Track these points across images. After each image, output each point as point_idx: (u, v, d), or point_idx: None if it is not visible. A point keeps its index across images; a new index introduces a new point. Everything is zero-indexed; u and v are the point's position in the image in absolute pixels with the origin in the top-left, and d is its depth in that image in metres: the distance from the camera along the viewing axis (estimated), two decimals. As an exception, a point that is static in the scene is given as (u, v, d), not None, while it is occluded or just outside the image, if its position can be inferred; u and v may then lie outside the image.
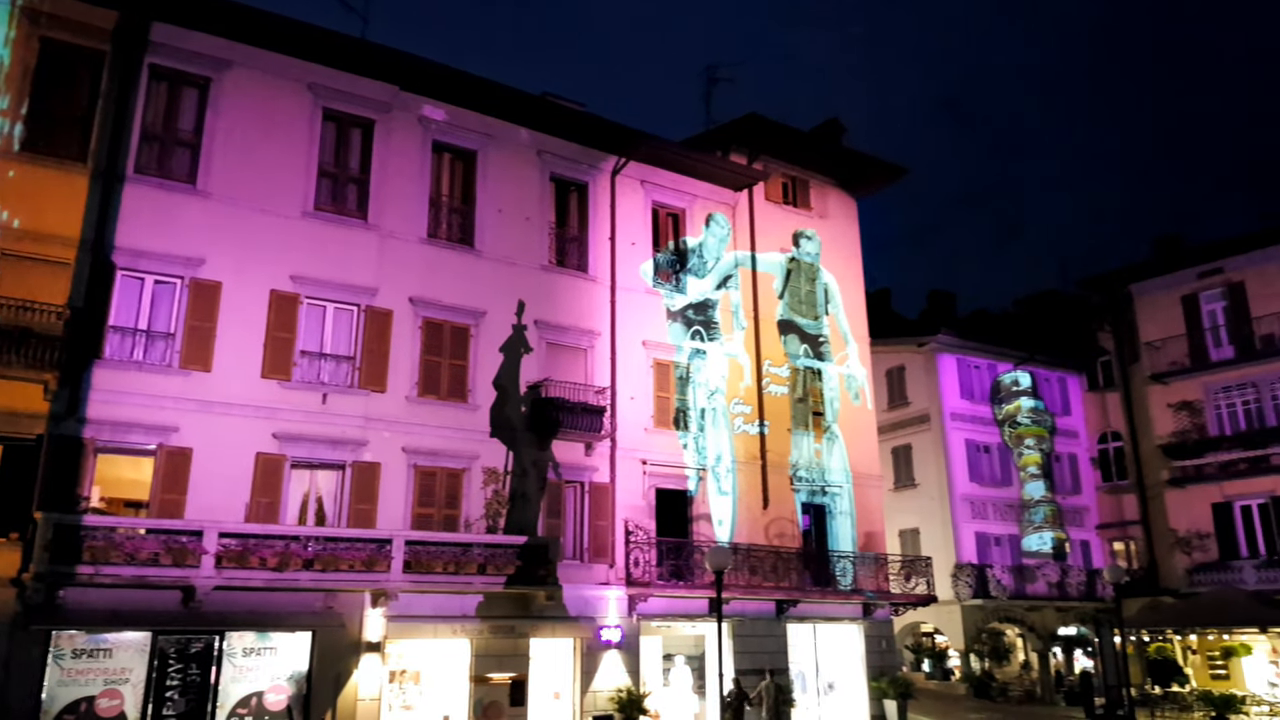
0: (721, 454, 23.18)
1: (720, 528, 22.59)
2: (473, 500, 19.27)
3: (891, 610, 24.78)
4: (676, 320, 23.41)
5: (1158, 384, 31.98)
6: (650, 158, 23.62)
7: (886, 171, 27.93)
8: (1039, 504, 32.81)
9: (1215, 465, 30.22)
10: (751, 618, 22.06)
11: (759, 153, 25.72)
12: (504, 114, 21.61)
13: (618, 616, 20.24)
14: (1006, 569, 31.05)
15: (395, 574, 17.02)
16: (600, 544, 20.61)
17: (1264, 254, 30.29)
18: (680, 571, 21.06)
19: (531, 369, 20.68)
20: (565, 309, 21.63)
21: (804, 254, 26.37)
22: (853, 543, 24.76)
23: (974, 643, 30.77)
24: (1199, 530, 30.38)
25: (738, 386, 24.01)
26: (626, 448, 21.57)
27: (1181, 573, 30.32)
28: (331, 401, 18.20)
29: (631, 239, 23.17)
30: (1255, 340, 30.10)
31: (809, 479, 24.63)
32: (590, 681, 19.58)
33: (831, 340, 26.32)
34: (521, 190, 21.70)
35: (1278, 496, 28.92)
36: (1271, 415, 29.51)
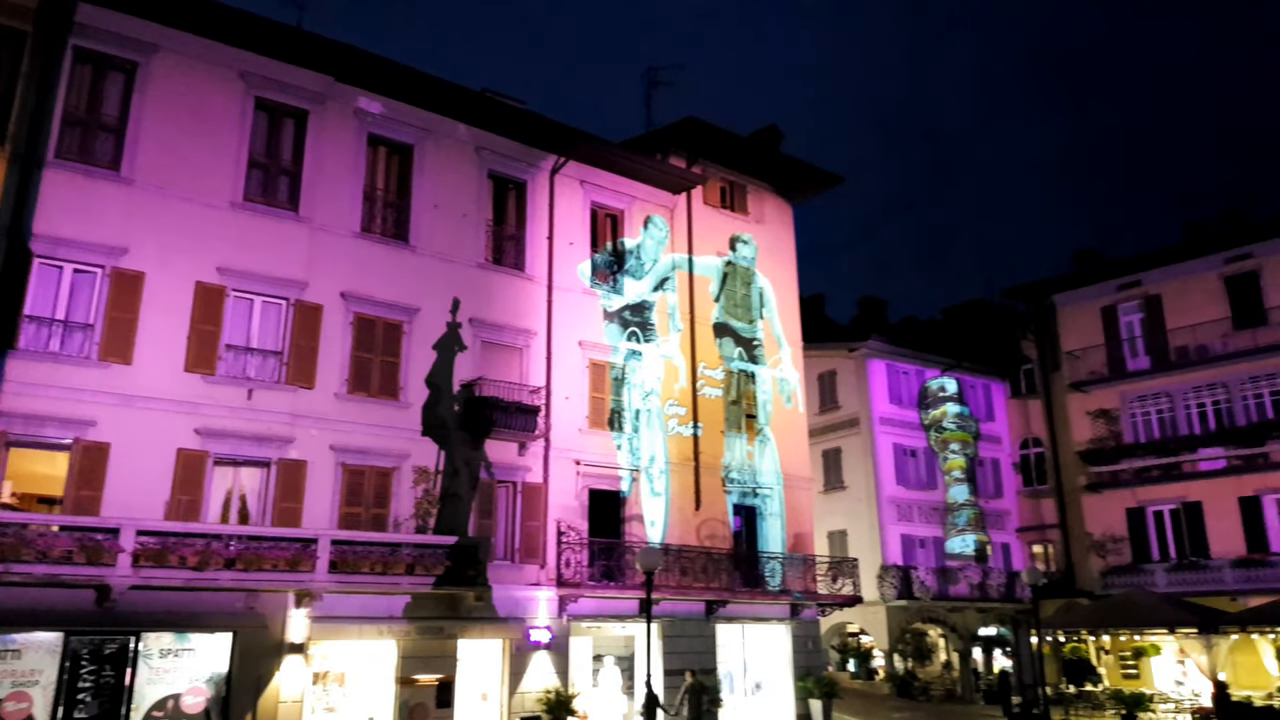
0: (655, 455, 23.28)
1: (653, 529, 22.69)
2: (402, 500, 19.03)
3: (819, 611, 25.17)
4: (613, 321, 23.44)
5: (1077, 392, 33.05)
6: (590, 158, 23.61)
7: (822, 179, 28.34)
8: (962, 507, 33.68)
9: (1130, 472, 31.36)
10: (681, 618, 22.20)
11: (698, 157, 25.90)
12: (442, 109, 21.38)
13: (548, 617, 20.19)
14: (930, 570, 31.80)
15: (320, 574, 16.70)
16: (532, 544, 20.53)
17: (1179, 268, 31.53)
18: (612, 572, 21.09)
19: (466, 367, 20.50)
20: (501, 307, 21.49)
21: (740, 258, 26.62)
22: (782, 544, 25.08)
23: (898, 643, 31.43)
24: (1114, 534, 31.48)
25: (673, 388, 24.14)
26: (561, 448, 21.53)
27: (1096, 575, 31.38)
28: (257, 397, 17.80)
29: (570, 239, 23.12)
30: (1170, 352, 31.30)
31: (741, 481, 24.88)
32: (519, 682, 19.49)
33: (765, 344, 26.62)
34: (459, 186, 21.50)
35: (1188, 502, 30.12)
36: (1183, 424, 30.72)
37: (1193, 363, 30.54)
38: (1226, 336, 30.07)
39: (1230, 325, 30.06)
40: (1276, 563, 27.66)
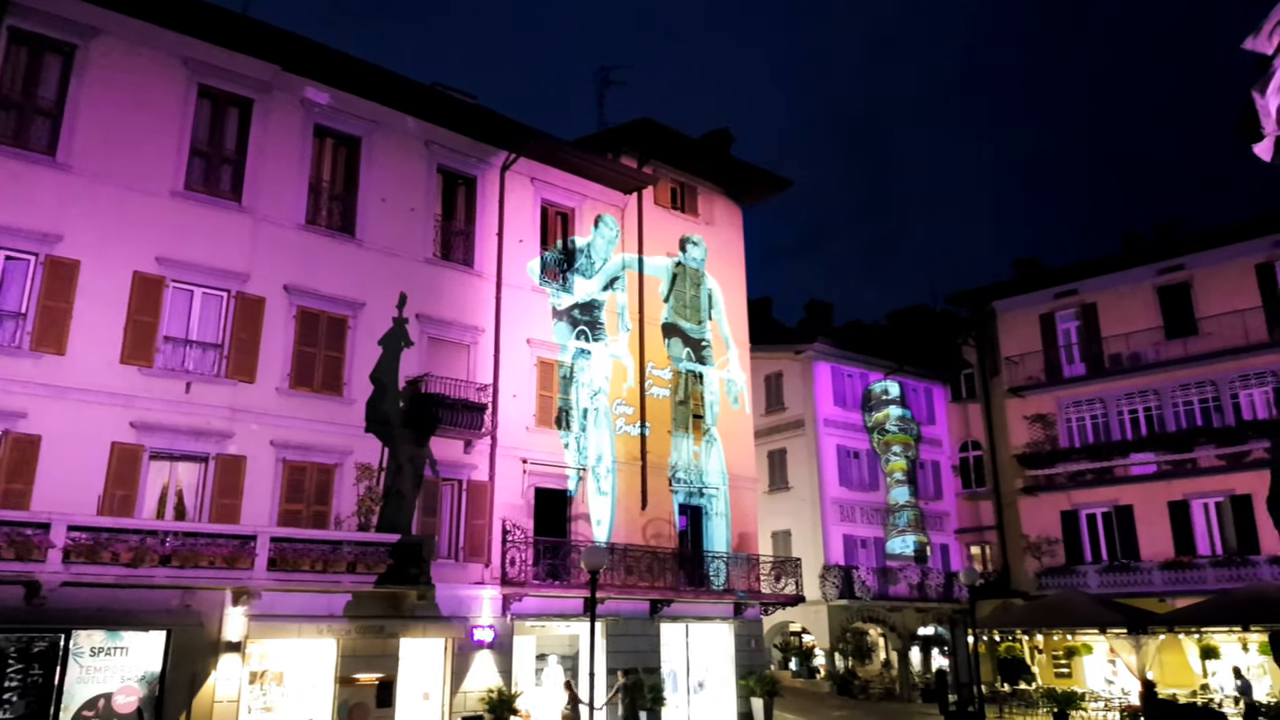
0: (602, 454, 23.28)
1: (599, 527, 22.70)
2: (344, 497, 18.78)
3: (762, 610, 25.40)
4: (562, 319, 23.38)
5: (1015, 397, 33.80)
6: (541, 155, 23.52)
7: (771, 182, 28.59)
8: (903, 508, 34.26)
9: (1065, 475, 32.16)
10: (626, 617, 22.24)
11: (649, 157, 25.95)
12: (392, 101, 21.13)
13: (491, 616, 20.08)
14: (871, 570, 32.30)
15: (259, 571, 16.42)
16: (476, 543, 20.40)
17: (1115, 278, 32.40)
18: (557, 571, 21.06)
19: (411, 363, 20.29)
20: (449, 303, 21.31)
21: (690, 259, 26.75)
22: (727, 543, 25.27)
23: (839, 642, 31.86)
24: (1048, 536, 32.25)
25: (621, 388, 24.17)
26: (507, 446, 21.42)
27: (1031, 576, 32.13)
28: (196, 390, 17.43)
29: (519, 236, 23.01)
30: (1104, 359, 32.17)
31: (687, 480, 25.00)
32: (461, 682, 19.36)
33: (714, 345, 26.78)
34: (407, 180, 21.27)
35: (1120, 506, 30.98)
36: (1116, 430, 31.59)
37: (1126, 370, 31.43)
38: (1159, 345, 30.99)
39: (1162, 334, 30.99)
40: (1203, 565, 28.59)
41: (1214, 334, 29.62)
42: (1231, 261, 29.71)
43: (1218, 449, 28.96)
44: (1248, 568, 27.35)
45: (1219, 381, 29.58)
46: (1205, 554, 28.94)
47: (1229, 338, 29.13)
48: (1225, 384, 29.45)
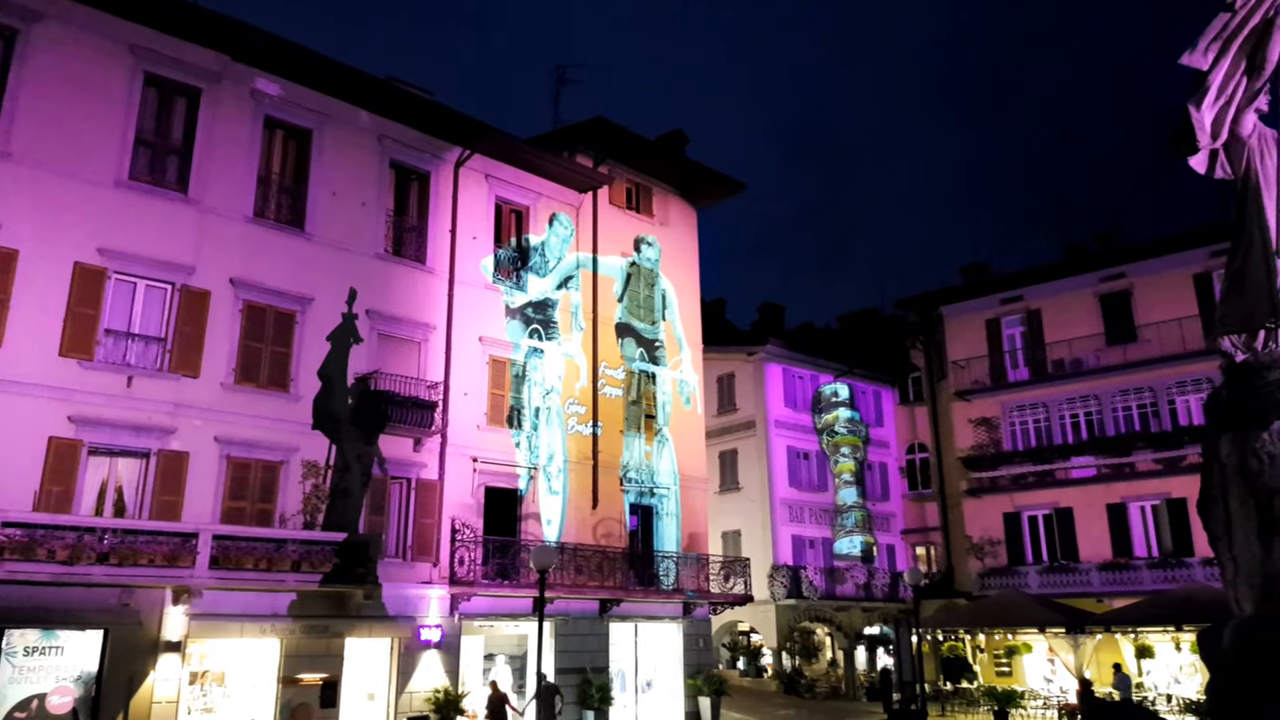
0: (554, 453, 23.24)
1: (549, 527, 22.65)
2: (290, 494, 18.50)
3: (711, 609, 25.55)
4: (515, 318, 23.28)
5: (961, 400, 34.40)
6: (496, 152, 23.39)
7: (726, 185, 28.75)
8: (851, 509, 34.70)
9: (1008, 478, 32.82)
10: (575, 617, 22.22)
11: (605, 157, 25.95)
12: (344, 94, 20.87)
13: (439, 616, 19.94)
14: (819, 570, 32.66)
15: (201, 570, 16.12)
16: (425, 542, 20.24)
17: (1059, 285, 33.14)
18: (506, 571, 20.97)
19: (361, 360, 20.05)
20: (400, 300, 21.10)
21: (644, 259, 26.80)
22: (677, 543, 25.37)
23: (786, 641, 32.16)
24: (991, 537, 32.89)
25: (573, 387, 24.14)
26: (458, 444, 21.27)
27: (975, 576, 32.72)
28: (138, 385, 17.05)
29: (473, 233, 22.87)
30: (1048, 364, 32.88)
31: (638, 480, 25.05)
32: (407, 682, 19.19)
33: (667, 345, 26.87)
34: (359, 174, 21.02)
35: (1060, 508, 31.69)
36: (1058, 433, 32.31)
37: (1068, 375, 32.16)
38: (1100, 351, 31.76)
39: (1103, 341, 31.77)
40: (1139, 566, 29.37)
41: (1153, 341, 30.44)
42: (1170, 271, 30.55)
43: (1155, 453, 29.77)
44: (1182, 569, 28.14)
45: (1157, 387, 30.40)
46: (1142, 556, 29.74)
47: (1167, 345, 29.94)
48: (1163, 390, 30.27)
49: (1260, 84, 8.59)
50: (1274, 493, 7.40)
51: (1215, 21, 8.59)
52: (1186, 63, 8.62)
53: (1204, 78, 8.57)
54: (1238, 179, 8.53)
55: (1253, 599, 7.50)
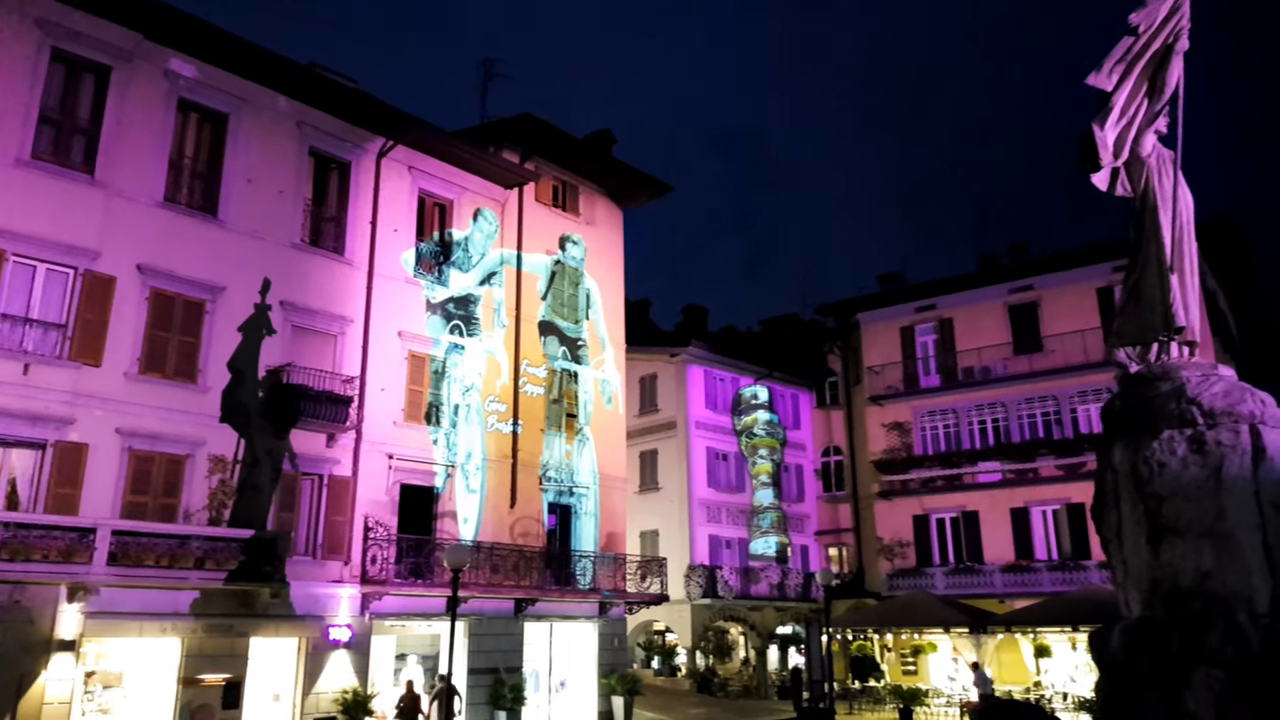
0: (472, 451, 22.99)
1: (465, 526, 22.40)
2: (196, 489, 17.91)
3: (627, 609, 25.61)
4: (436, 313, 22.97)
5: (875, 405, 35.19)
6: (420, 144, 23.05)
7: (653, 186, 28.86)
8: (767, 510, 35.21)
9: (918, 481, 33.70)
10: (490, 616, 22.03)
11: (532, 153, 25.80)
12: (263, 79, 20.30)
13: (349, 615, 19.54)
14: (735, 570, 33.03)
15: (98, 566, 15.50)
16: (336, 540, 19.81)
17: (971, 295, 34.17)
18: (420, 569, 20.66)
19: (274, 352, 19.53)
20: (316, 291, 20.62)
21: (569, 258, 26.73)
22: (595, 543, 25.36)
23: (701, 640, 32.43)
24: (901, 539, 33.73)
25: (494, 384, 23.92)
26: (373, 441, 20.88)
27: (884, 577, 33.51)
28: (35, 373, 16.30)
29: (394, 225, 22.49)
30: (958, 371, 33.88)
31: (558, 479, 24.96)
32: (314, 682, 18.76)
33: (590, 345, 26.83)
34: (276, 161, 20.47)
35: (967, 511, 32.67)
36: (966, 439, 33.31)
37: (977, 383, 33.18)
38: (1008, 360, 32.85)
39: (1011, 350, 32.87)
40: (1040, 569, 30.46)
41: (1057, 351, 31.60)
42: (1075, 284, 31.75)
43: (1057, 460, 30.91)
44: (1080, 572, 29.27)
45: (1060, 396, 31.57)
46: (1042, 558, 30.84)
47: (1071, 355, 31.11)
48: (1066, 399, 31.45)
49: (1160, 106, 8.99)
50: (1163, 499, 7.75)
51: (1120, 45, 8.96)
52: (1092, 83, 8.97)
53: (1108, 98, 8.94)
54: (1137, 197, 8.91)
55: (1141, 601, 7.84)
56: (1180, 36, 8.96)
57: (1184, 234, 8.70)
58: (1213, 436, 7.70)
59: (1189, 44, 8.99)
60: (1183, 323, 8.44)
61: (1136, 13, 8.96)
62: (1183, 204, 8.78)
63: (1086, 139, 8.94)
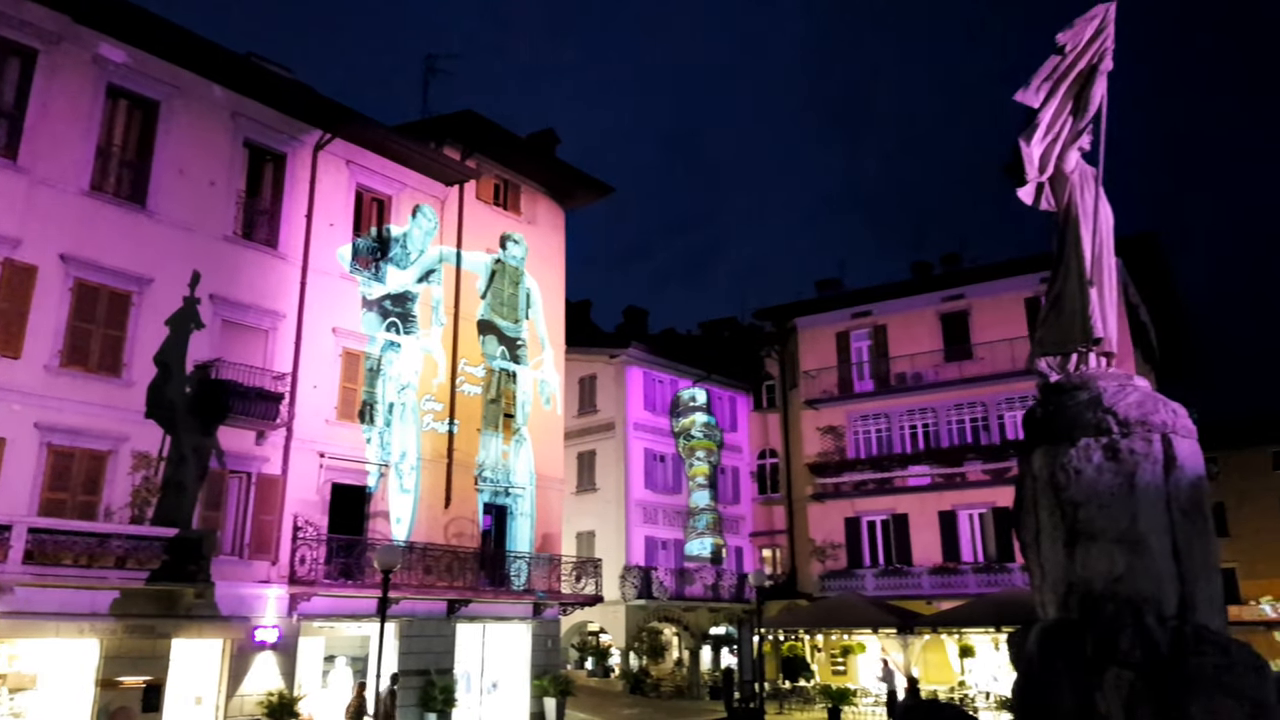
0: (407, 451, 22.72)
1: (398, 526, 22.12)
2: (118, 487, 17.38)
3: (561, 610, 25.55)
4: (372, 309, 22.65)
5: (810, 409, 35.70)
6: (358, 138, 22.71)
7: (595, 187, 28.86)
8: (703, 512, 35.47)
9: (850, 484, 34.26)
10: (421, 617, 21.79)
11: (473, 150, 25.60)
12: (197, 67, 19.80)
13: (276, 616, 19.16)
14: (670, 571, 33.19)
15: (13, 565, 14.97)
16: (264, 539, 19.41)
17: (905, 303, 34.87)
18: (350, 570, 20.34)
19: (202, 347, 19.06)
20: (248, 285, 20.19)
21: (510, 257, 26.58)
22: (531, 544, 25.25)
23: (634, 641, 32.51)
24: (833, 541, 34.26)
25: (431, 383, 23.68)
26: (304, 439, 20.51)
27: (816, 579, 34.00)
28: (-53, 364, 15.68)
29: (330, 219, 22.12)
30: (891, 377, 34.54)
31: (494, 480, 24.80)
32: (239, 685, 18.35)
33: (529, 344, 26.72)
34: (209, 152, 19.99)
35: (897, 514, 33.31)
36: (898, 443, 33.98)
37: (909, 388, 33.87)
38: (938, 367, 33.59)
39: (942, 357, 33.62)
40: (966, 571, 31.20)
41: (986, 359, 32.41)
42: (1004, 294, 32.60)
43: (984, 464, 31.70)
44: (1004, 574, 30.05)
45: (988, 403, 32.38)
46: (969, 561, 31.60)
47: (999, 363, 31.92)
48: (994, 405, 32.27)
49: (1084, 124, 9.30)
50: (1079, 505, 8.02)
51: (1047, 63, 9.25)
52: (1020, 99, 9.25)
53: (1035, 114, 9.21)
54: (1060, 211, 9.20)
55: (1056, 604, 8.09)
56: (1104, 57, 9.27)
57: (1104, 248, 9.02)
58: (1127, 445, 7.98)
59: (1113, 65, 9.32)
60: (1101, 334, 8.74)
61: (1063, 32, 9.26)
62: (1103, 219, 9.10)
63: (1014, 154, 9.21)
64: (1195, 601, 7.68)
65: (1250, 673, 7.13)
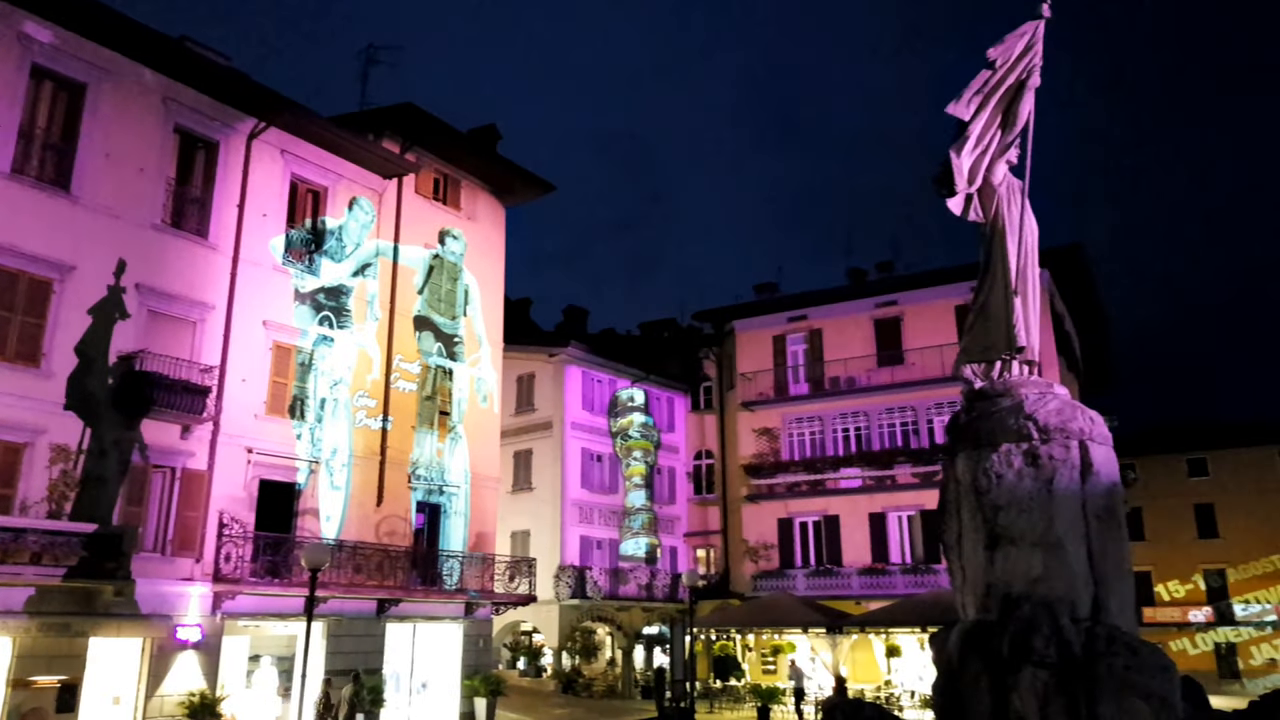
0: (338, 447, 22.35)
1: (328, 524, 21.75)
2: (34, 480, 16.75)
3: (494, 609, 25.39)
4: (305, 303, 22.24)
5: (747, 410, 36.06)
6: (295, 127, 22.28)
7: (537, 184, 28.72)
8: (639, 512, 35.57)
9: (784, 485, 34.70)
10: (350, 617, 21.46)
11: (413, 144, 25.29)
12: (127, 49, 19.20)
13: (199, 615, 18.69)
14: (605, 571, 33.21)
15: (-82, 561, 14.37)
16: (188, 536, 18.92)
17: (840, 308, 35.45)
18: (277, 568, 19.94)
19: (127, 337, 18.49)
20: (176, 275, 19.66)
21: (449, 252, 26.33)
22: (464, 543, 25.04)
23: (567, 641, 32.46)
24: (766, 541, 34.66)
25: (364, 379, 23.33)
26: (232, 434, 20.04)
27: (749, 579, 34.35)
28: None
29: (264, 210, 21.66)
30: (825, 381, 35.08)
31: (428, 478, 24.54)
32: (159, 685, 17.87)
33: (466, 341, 26.49)
34: (138, 137, 19.41)
35: (829, 515, 33.83)
36: (830, 446, 34.52)
37: (842, 392, 34.44)
38: (871, 371, 34.21)
39: (875, 362, 34.25)
40: (894, 572, 31.82)
41: (917, 365, 33.10)
42: (936, 301, 33.32)
43: (914, 468, 32.37)
44: (931, 575, 30.70)
45: (919, 407, 33.07)
46: (897, 562, 32.24)
47: (929, 369, 32.62)
48: (923, 410, 32.97)
49: (1012, 138, 9.58)
50: (999, 509, 8.26)
51: (978, 77, 9.51)
52: (951, 112, 9.49)
53: (965, 127, 9.46)
54: (987, 222, 9.46)
55: (976, 605, 8.33)
56: (1033, 74, 9.56)
57: (1028, 259, 9.30)
58: (1046, 451, 8.25)
59: (1040, 81, 9.61)
60: (1024, 342, 9.02)
61: (994, 47, 9.52)
62: (1028, 231, 9.38)
63: (944, 165, 9.44)
64: (1108, 604, 7.97)
65: (1157, 672, 7.42)
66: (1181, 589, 42.74)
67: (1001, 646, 7.69)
